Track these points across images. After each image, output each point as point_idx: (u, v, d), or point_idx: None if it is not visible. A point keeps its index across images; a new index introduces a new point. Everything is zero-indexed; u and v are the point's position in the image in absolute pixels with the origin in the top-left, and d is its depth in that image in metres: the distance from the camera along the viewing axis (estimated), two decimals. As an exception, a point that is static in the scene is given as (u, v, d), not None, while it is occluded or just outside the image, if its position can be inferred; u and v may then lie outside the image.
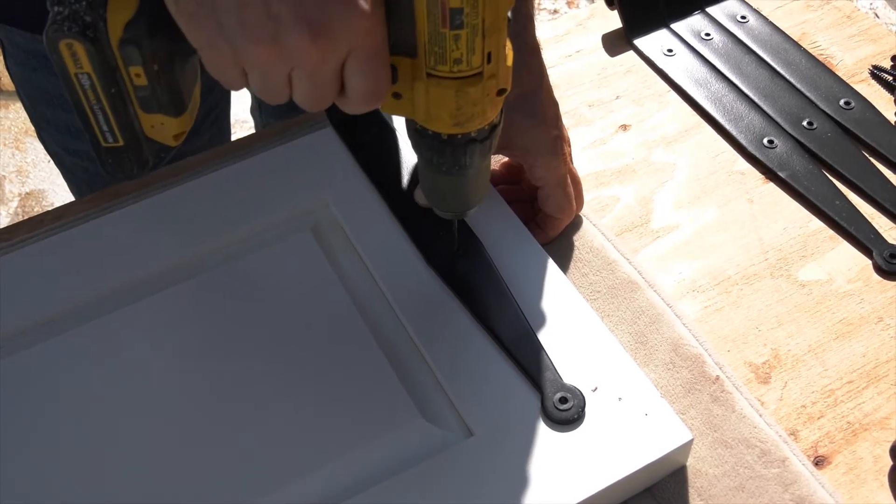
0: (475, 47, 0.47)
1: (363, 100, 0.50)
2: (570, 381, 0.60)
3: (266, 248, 0.69)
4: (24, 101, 0.92)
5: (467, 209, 0.60)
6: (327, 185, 0.72)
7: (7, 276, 0.68)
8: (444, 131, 0.52)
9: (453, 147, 0.53)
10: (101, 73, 0.50)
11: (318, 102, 0.50)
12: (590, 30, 0.91)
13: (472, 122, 0.51)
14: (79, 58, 0.49)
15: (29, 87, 0.89)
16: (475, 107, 0.50)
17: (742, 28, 0.89)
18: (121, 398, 0.61)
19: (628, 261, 0.70)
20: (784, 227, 0.74)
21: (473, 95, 0.49)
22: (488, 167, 0.58)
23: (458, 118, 0.50)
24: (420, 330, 0.63)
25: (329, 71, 0.48)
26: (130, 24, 0.49)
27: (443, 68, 0.48)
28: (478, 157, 0.54)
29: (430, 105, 0.50)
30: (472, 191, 0.58)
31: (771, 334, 0.67)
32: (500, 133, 0.56)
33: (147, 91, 0.52)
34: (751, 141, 0.79)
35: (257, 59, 0.47)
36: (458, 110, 0.50)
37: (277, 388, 0.61)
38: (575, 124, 0.82)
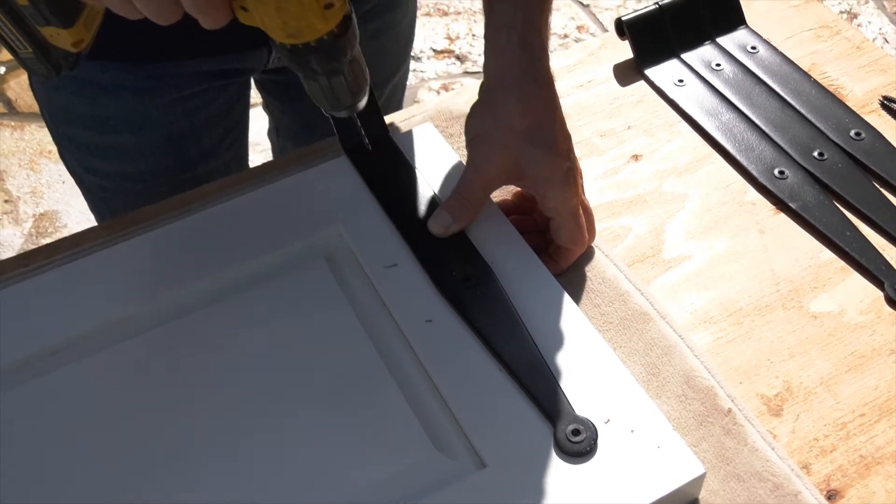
0: None
1: (198, 12, 0.54)
2: (583, 412, 0.60)
3: (280, 276, 0.70)
4: (47, 120, 0.93)
5: (346, 106, 0.64)
6: (341, 213, 0.73)
7: (23, 302, 0.68)
8: (283, 41, 0.57)
9: (298, 55, 0.58)
10: None
11: (160, 16, 0.54)
12: (601, 60, 0.91)
13: (303, 33, 0.56)
14: None
15: (51, 106, 0.91)
16: (300, 20, 0.55)
17: (752, 58, 0.89)
18: (132, 428, 0.62)
19: (640, 292, 0.70)
20: (795, 258, 0.74)
21: (294, 9, 0.54)
22: (354, 70, 0.61)
23: (288, 31, 0.55)
24: (432, 360, 0.64)
25: None
26: None
27: None
28: (324, 64, 0.59)
29: (263, 18, 0.55)
30: (344, 88, 0.62)
31: (783, 366, 0.68)
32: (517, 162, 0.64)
33: (30, 9, 0.57)
34: (762, 171, 0.79)
35: None
36: (286, 24, 0.55)
37: (290, 418, 0.62)
38: (587, 154, 0.82)
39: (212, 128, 0.93)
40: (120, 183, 0.93)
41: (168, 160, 0.92)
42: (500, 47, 0.68)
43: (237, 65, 0.89)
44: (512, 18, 0.67)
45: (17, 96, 2.25)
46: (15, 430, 0.62)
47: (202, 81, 0.88)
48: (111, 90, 0.85)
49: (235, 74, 0.91)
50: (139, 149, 0.90)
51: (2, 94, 2.26)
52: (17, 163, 2.12)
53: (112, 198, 0.96)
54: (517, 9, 0.67)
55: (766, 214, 0.77)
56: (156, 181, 0.92)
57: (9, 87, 2.28)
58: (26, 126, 2.19)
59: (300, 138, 1.10)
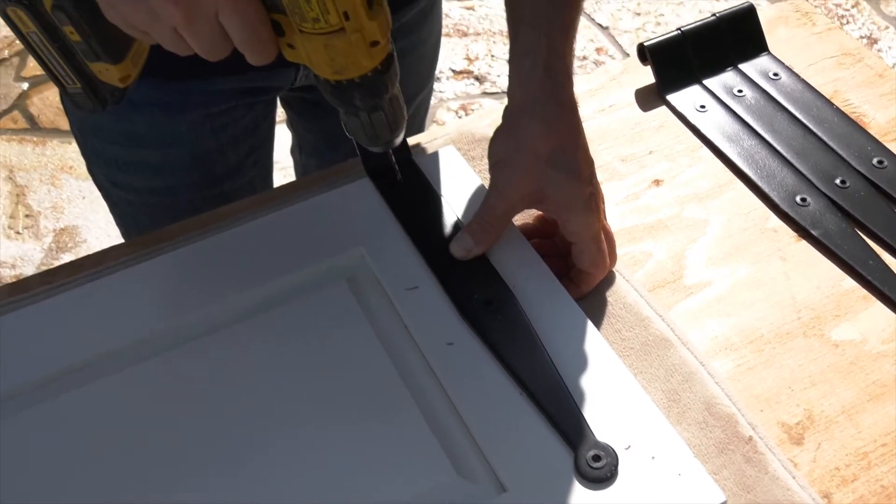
0: (328, 8, 0.54)
1: (245, 48, 0.56)
2: (604, 438, 0.60)
3: (302, 297, 0.70)
4: (77, 135, 0.95)
5: (383, 141, 0.65)
6: (363, 235, 0.73)
7: (47, 320, 0.69)
8: (329, 77, 0.59)
9: (342, 91, 0.60)
10: (45, 32, 0.59)
11: (212, 53, 0.57)
12: (623, 85, 0.92)
13: (348, 70, 0.58)
14: (24, 21, 0.58)
15: (80, 121, 0.92)
16: (347, 58, 0.57)
17: (774, 85, 0.89)
18: (154, 445, 0.62)
19: (661, 317, 0.70)
20: (817, 286, 0.74)
21: (342, 47, 0.56)
22: (393, 106, 0.63)
23: (334, 67, 0.57)
24: (453, 384, 0.64)
25: (204, 26, 0.55)
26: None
27: (307, 26, 0.55)
28: (367, 100, 0.61)
29: (309, 55, 0.57)
30: (382, 124, 0.63)
31: (804, 394, 0.67)
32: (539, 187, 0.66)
33: (83, 45, 0.59)
34: (783, 198, 0.80)
35: (138, 21, 0.55)
36: (332, 61, 0.57)
37: (311, 439, 0.62)
38: (608, 179, 0.82)
39: (238, 145, 0.94)
40: (146, 198, 0.94)
41: (194, 176, 0.93)
42: (524, 72, 0.68)
43: (265, 83, 0.90)
44: (537, 44, 0.67)
45: (40, 112, 2.28)
46: (39, 446, 0.62)
47: (230, 99, 0.89)
48: (140, 106, 0.86)
49: (263, 93, 0.92)
50: (166, 164, 0.91)
51: (24, 110, 2.28)
52: (38, 178, 2.14)
53: (138, 212, 0.96)
54: (542, 35, 0.67)
55: (787, 241, 0.77)
56: (182, 197, 0.93)
57: (31, 103, 2.30)
58: (48, 142, 2.21)
59: (324, 155, 1.11)
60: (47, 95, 2.31)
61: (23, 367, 0.66)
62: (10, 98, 2.31)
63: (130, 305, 0.70)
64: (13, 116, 2.27)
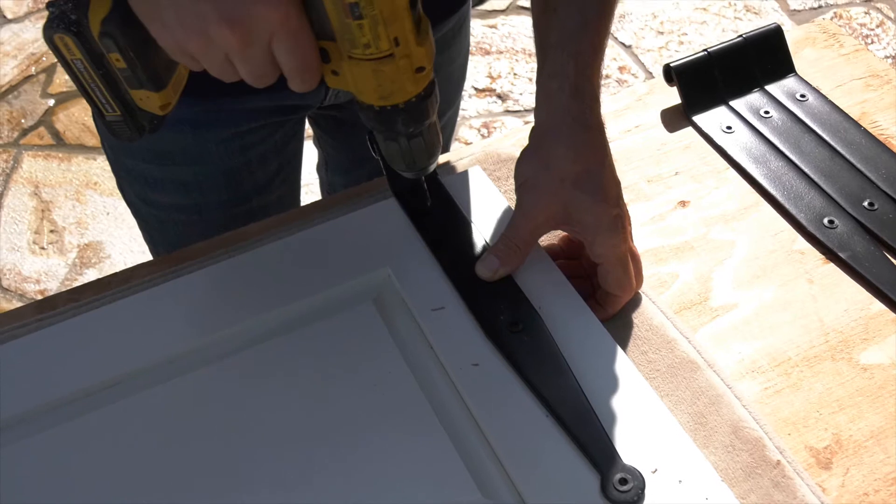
0: (379, 34, 0.55)
1: (294, 75, 0.58)
2: (630, 461, 0.60)
3: (328, 317, 0.70)
4: (108, 152, 0.96)
5: (420, 167, 0.66)
6: (389, 256, 0.73)
7: (74, 338, 0.69)
8: (374, 103, 0.60)
9: (385, 116, 0.61)
10: (90, 59, 0.60)
11: (260, 80, 0.59)
12: (649, 105, 0.92)
13: (394, 96, 0.59)
14: (70, 48, 0.59)
15: (112, 139, 0.92)
16: (394, 83, 0.58)
17: (801, 106, 0.89)
18: (182, 463, 0.62)
19: (688, 340, 0.70)
20: (845, 309, 0.73)
21: (390, 73, 0.57)
22: (434, 129, 0.64)
23: (380, 92, 0.59)
24: (479, 405, 0.64)
25: (257, 53, 0.56)
26: (106, 20, 0.58)
27: (357, 52, 0.56)
28: (410, 125, 0.62)
29: (356, 82, 0.59)
30: (420, 151, 0.65)
31: (832, 418, 0.67)
32: (565, 208, 0.67)
33: (128, 72, 0.60)
34: (811, 220, 0.79)
35: (193, 48, 0.56)
36: (380, 86, 0.58)
37: (335, 459, 0.62)
38: (633, 200, 0.82)
39: (267, 162, 0.95)
40: (175, 215, 0.95)
41: (223, 194, 0.93)
42: (551, 94, 0.69)
43: (295, 101, 0.91)
44: (565, 67, 0.68)
45: (66, 128, 2.30)
46: (66, 463, 0.62)
47: (260, 117, 0.90)
48: (171, 124, 0.86)
49: (292, 111, 0.93)
50: (196, 182, 0.92)
51: (50, 127, 2.30)
52: (63, 194, 2.16)
53: (167, 229, 0.97)
54: (570, 57, 0.68)
55: (815, 264, 0.77)
56: (210, 214, 0.94)
57: (57, 119, 2.32)
58: (73, 158, 2.23)
59: (350, 173, 1.12)
60: (73, 112, 2.34)
61: (48, 386, 0.66)
62: (37, 114, 2.34)
63: (157, 324, 0.70)
64: (39, 132, 2.30)
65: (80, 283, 1.93)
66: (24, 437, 0.64)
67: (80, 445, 0.63)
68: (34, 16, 2.60)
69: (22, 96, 2.38)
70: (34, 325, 0.72)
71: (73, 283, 1.96)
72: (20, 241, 2.06)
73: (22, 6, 2.63)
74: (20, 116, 2.33)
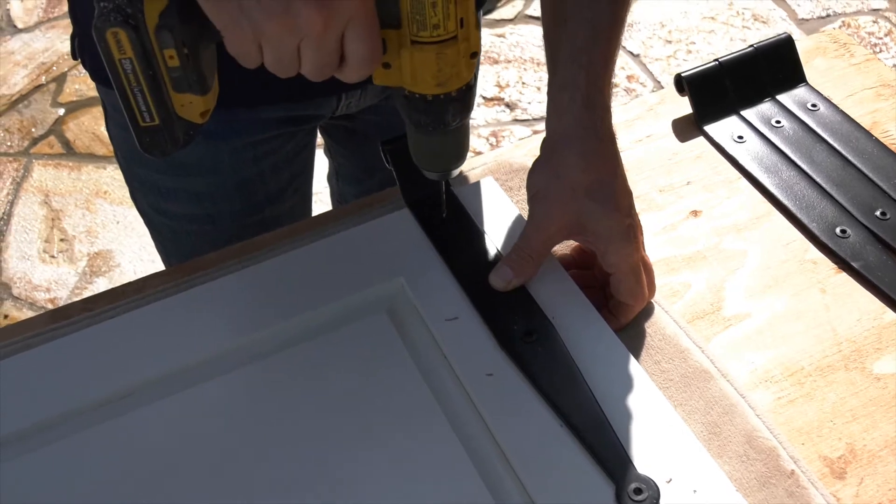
0: (450, 13, 0.56)
1: (361, 65, 0.58)
2: (645, 471, 0.60)
3: (341, 327, 0.70)
4: (121, 162, 0.96)
5: (450, 168, 0.68)
6: (403, 266, 0.73)
7: (88, 348, 0.70)
8: (429, 92, 0.60)
9: (437, 106, 0.61)
10: (141, 57, 0.58)
11: (321, 70, 0.58)
12: (660, 115, 0.92)
13: (451, 81, 0.60)
14: (122, 44, 0.57)
15: (126, 148, 0.93)
16: (453, 67, 0.59)
17: (812, 116, 0.89)
18: (195, 473, 0.62)
19: (701, 349, 0.70)
20: (858, 319, 0.73)
21: (451, 57, 0.58)
22: (467, 129, 0.66)
23: (439, 78, 0.59)
24: (493, 415, 0.64)
25: (332, 40, 0.56)
26: (164, 13, 0.57)
27: (424, 34, 0.57)
28: (458, 115, 0.63)
29: (415, 69, 0.59)
30: (454, 149, 0.66)
31: (846, 428, 0.67)
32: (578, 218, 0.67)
33: (178, 72, 0.59)
34: (823, 230, 0.79)
35: (273, 30, 0.55)
36: (440, 71, 0.59)
37: (350, 469, 0.62)
38: (645, 209, 0.82)
39: (280, 172, 0.95)
40: (188, 225, 0.95)
41: (236, 203, 0.94)
42: (563, 105, 0.69)
43: (308, 111, 0.91)
44: (576, 78, 0.68)
45: (76, 137, 2.31)
46: (85, 472, 0.63)
47: (273, 128, 0.90)
48: None
49: (305, 121, 0.93)
50: (209, 192, 0.92)
51: (60, 136, 2.31)
52: (73, 202, 2.16)
53: (180, 238, 0.98)
54: (581, 69, 0.68)
55: (827, 273, 0.77)
56: (223, 223, 0.94)
57: (67, 128, 2.33)
58: (83, 167, 2.24)
59: (361, 182, 1.12)
60: (83, 121, 2.35)
61: (63, 396, 0.67)
62: (47, 123, 2.35)
63: (171, 335, 0.70)
64: (49, 141, 2.31)
65: (89, 292, 1.95)
66: (40, 446, 0.64)
67: (95, 455, 0.64)
68: (44, 25, 2.61)
69: (32, 105, 2.40)
70: (48, 335, 0.73)
71: (82, 292, 1.97)
72: (30, 250, 2.07)
73: (32, 16, 2.64)
74: (30, 125, 2.35)
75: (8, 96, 2.42)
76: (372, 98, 0.95)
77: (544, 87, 2.15)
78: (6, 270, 2.03)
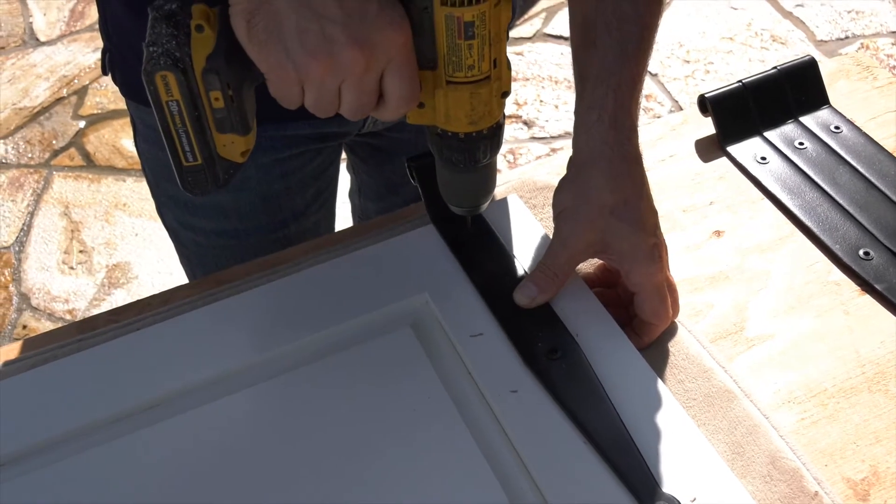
0: (484, 54, 0.58)
1: (400, 104, 0.60)
2: (669, 489, 0.60)
3: (366, 342, 0.71)
4: (149, 177, 0.97)
5: (478, 204, 0.70)
6: (428, 281, 0.74)
7: (114, 360, 0.70)
8: (462, 130, 0.62)
9: (469, 144, 0.63)
10: (187, 99, 0.60)
11: (360, 110, 0.60)
12: (683, 135, 0.92)
13: (483, 120, 0.62)
14: (170, 87, 0.59)
15: (154, 164, 0.94)
16: (486, 106, 0.61)
17: (835, 138, 0.90)
18: (221, 485, 0.63)
19: (724, 369, 0.70)
20: (881, 341, 0.73)
21: (485, 96, 0.60)
22: (495, 165, 0.68)
23: (472, 117, 0.61)
24: (517, 431, 0.64)
25: (372, 80, 0.58)
26: (211, 57, 0.59)
27: (459, 75, 0.59)
28: (489, 153, 0.65)
29: (448, 109, 0.61)
30: (483, 185, 0.69)
31: (869, 450, 0.67)
32: (603, 237, 0.69)
33: (223, 113, 0.61)
34: (846, 252, 0.79)
35: (315, 72, 0.57)
36: (473, 111, 0.61)
37: (373, 485, 0.62)
38: (669, 229, 0.82)
39: (305, 188, 0.96)
40: (214, 240, 0.96)
41: (262, 219, 0.94)
42: (591, 125, 0.69)
43: (335, 129, 0.92)
44: (603, 100, 0.69)
45: (96, 150, 2.32)
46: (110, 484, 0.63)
47: (300, 144, 0.91)
48: None
49: (332, 138, 0.94)
50: (235, 207, 0.93)
51: (81, 148, 2.33)
52: (92, 214, 2.18)
53: (205, 253, 0.98)
54: (609, 90, 0.69)
55: (850, 295, 0.77)
56: (248, 239, 0.95)
57: (88, 141, 2.35)
58: (103, 179, 2.26)
59: (384, 199, 1.13)
60: (103, 134, 2.36)
61: (89, 407, 0.67)
62: (68, 136, 2.37)
63: (196, 347, 0.71)
64: (70, 154, 2.33)
65: (108, 303, 1.96)
66: (67, 456, 0.65)
67: (122, 466, 0.64)
68: (66, 38, 2.64)
69: (53, 118, 2.42)
70: (74, 346, 0.73)
71: (101, 303, 1.98)
72: (50, 261, 2.08)
73: (55, 29, 2.67)
74: (51, 137, 2.37)
75: (29, 108, 2.44)
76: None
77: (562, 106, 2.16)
78: (25, 281, 2.04)
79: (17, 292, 2.02)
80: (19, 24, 2.70)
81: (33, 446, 0.65)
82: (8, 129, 2.39)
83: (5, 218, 2.18)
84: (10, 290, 2.02)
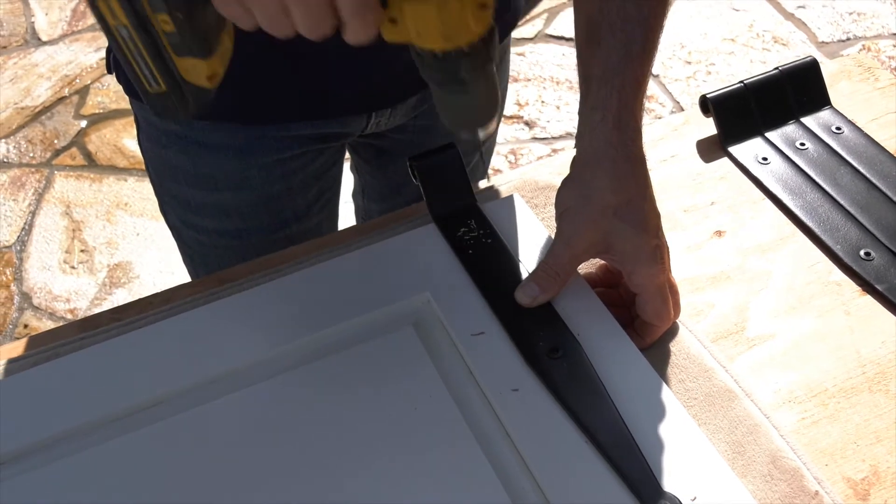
0: None
1: (356, 20, 0.53)
2: (670, 488, 0.60)
3: (367, 341, 0.71)
4: (152, 176, 0.97)
5: (477, 126, 0.63)
6: (429, 280, 0.74)
7: (116, 358, 0.70)
8: (437, 48, 0.56)
9: (448, 63, 0.56)
10: (136, 24, 0.56)
11: (316, 28, 0.54)
12: (684, 135, 0.93)
13: (459, 36, 0.55)
14: (115, 12, 0.56)
15: (157, 162, 0.94)
16: (459, 21, 0.54)
17: (837, 139, 0.90)
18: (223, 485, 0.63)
19: (725, 369, 0.70)
20: (882, 341, 0.74)
21: (455, 9, 0.54)
22: (492, 84, 0.60)
23: (445, 33, 0.55)
24: (518, 430, 0.64)
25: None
26: None
27: None
28: (474, 72, 0.58)
29: (418, 24, 0.55)
30: (480, 106, 0.61)
31: (869, 450, 0.67)
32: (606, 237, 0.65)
33: (176, 37, 0.57)
34: (847, 252, 0.80)
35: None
36: (444, 25, 0.54)
37: (374, 484, 0.62)
38: (670, 229, 0.82)
39: (308, 189, 0.96)
40: (217, 239, 0.96)
41: (264, 219, 0.95)
42: (594, 125, 0.69)
43: (338, 129, 0.92)
44: (608, 99, 0.69)
45: (97, 149, 2.33)
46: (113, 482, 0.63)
47: (302, 145, 0.91)
48: (216, 150, 0.88)
49: (334, 139, 0.94)
50: (237, 207, 0.93)
51: (82, 148, 2.33)
52: (94, 214, 2.18)
53: (208, 252, 0.99)
54: (613, 90, 0.69)
55: (851, 296, 0.77)
56: (251, 238, 0.95)
57: (89, 140, 2.35)
58: (104, 178, 2.26)
59: (387, 200, 1.13)
60: (105, 133, 2.37)
61: (91, 404, 0.67)
62: (69, 135, 2.37)
63: (199, 346, 0.71)
64: (71, 153, 2.33)
65: (109, 303, 1.96)
66: (69, 454, 0.65)
67: (124, 464, 0.64)
68: (68, 38, 2.64)
69: (55, 117, 2.42)
70: (77, 344, 0.73)
71: (102, 303, 1.99)
72: (51, 261, 2.08)
73: (56, 29, 2.67)
74: (53, 137, 2.37)
75: (31, 108, 2.44)
76: (402, 117, 0.95)
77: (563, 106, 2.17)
78: (27, 280, 2.04)
79: (19, 292, 2.02)
80: (21, 23, 2.70)
81: (35, 444, 0.65)
82: (10, 129, 2.39)
83: (7, 217, 2.18)
84: (12, 289, 2.03)
